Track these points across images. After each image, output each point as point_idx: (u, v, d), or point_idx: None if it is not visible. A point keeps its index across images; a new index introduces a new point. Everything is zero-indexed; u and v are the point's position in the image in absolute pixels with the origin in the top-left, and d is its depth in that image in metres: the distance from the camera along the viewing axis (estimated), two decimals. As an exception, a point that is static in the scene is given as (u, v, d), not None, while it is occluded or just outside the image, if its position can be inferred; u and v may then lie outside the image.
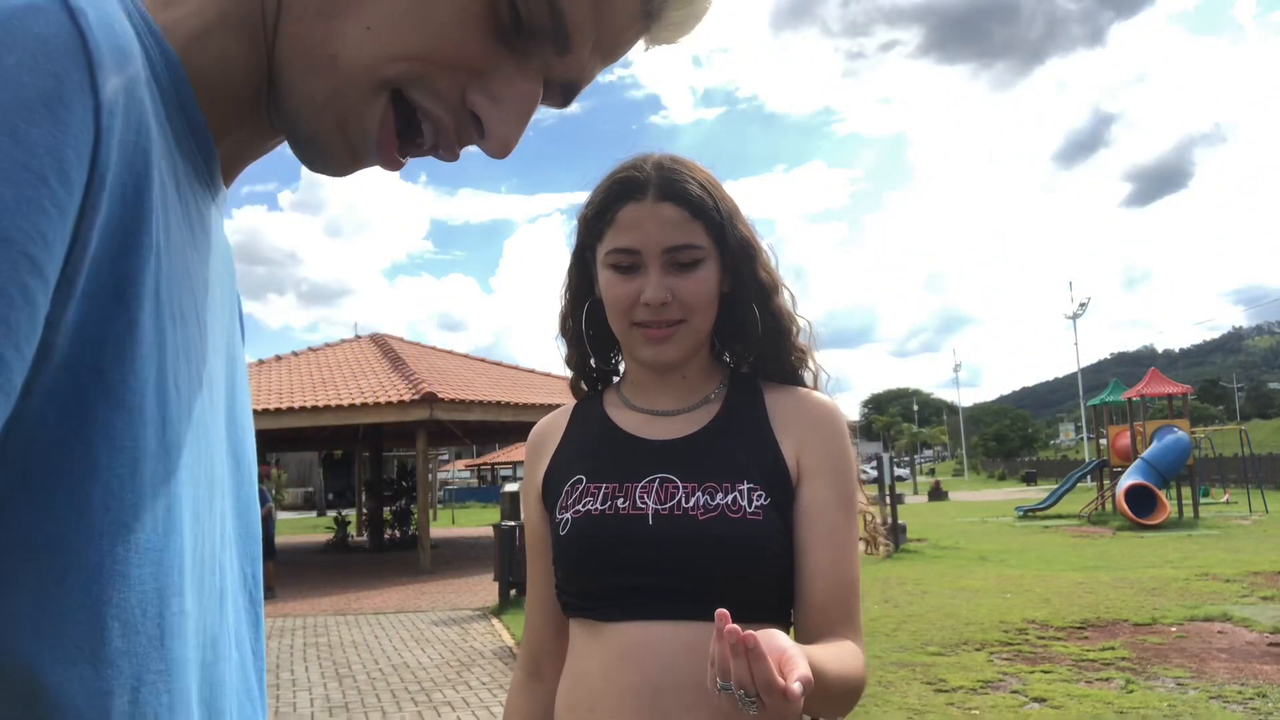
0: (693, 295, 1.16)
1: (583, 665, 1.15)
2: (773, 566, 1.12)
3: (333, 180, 0.54)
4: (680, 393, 1.24)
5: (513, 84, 0.49)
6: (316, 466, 46.45)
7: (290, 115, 0.48)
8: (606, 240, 1.18)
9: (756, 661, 0.78)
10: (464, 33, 0.46)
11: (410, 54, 0.46)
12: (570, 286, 1.31)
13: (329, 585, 12.91)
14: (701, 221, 1.16)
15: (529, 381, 17.82)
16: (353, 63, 0.45)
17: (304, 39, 0.46)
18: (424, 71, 0.47)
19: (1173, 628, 7.30)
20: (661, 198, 1.16)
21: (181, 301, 0.41)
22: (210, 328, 0.46)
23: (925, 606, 8.70)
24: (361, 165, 0.50)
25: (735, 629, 0.80)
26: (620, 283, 1.17)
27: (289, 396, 14.78)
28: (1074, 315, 52.76)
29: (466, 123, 0.49)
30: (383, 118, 0.47)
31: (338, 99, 0.46)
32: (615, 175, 1.20)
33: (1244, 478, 23.30)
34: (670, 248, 1.15)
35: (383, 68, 0.46)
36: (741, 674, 0.79)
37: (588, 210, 1.23)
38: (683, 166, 1.19)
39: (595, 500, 1.16)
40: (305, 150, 0.49)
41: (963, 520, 21.54)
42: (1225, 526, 16.53)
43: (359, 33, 0.45)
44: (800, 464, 1.17)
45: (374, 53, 0.45)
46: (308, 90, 0.46)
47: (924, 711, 5.18)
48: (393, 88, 0.47)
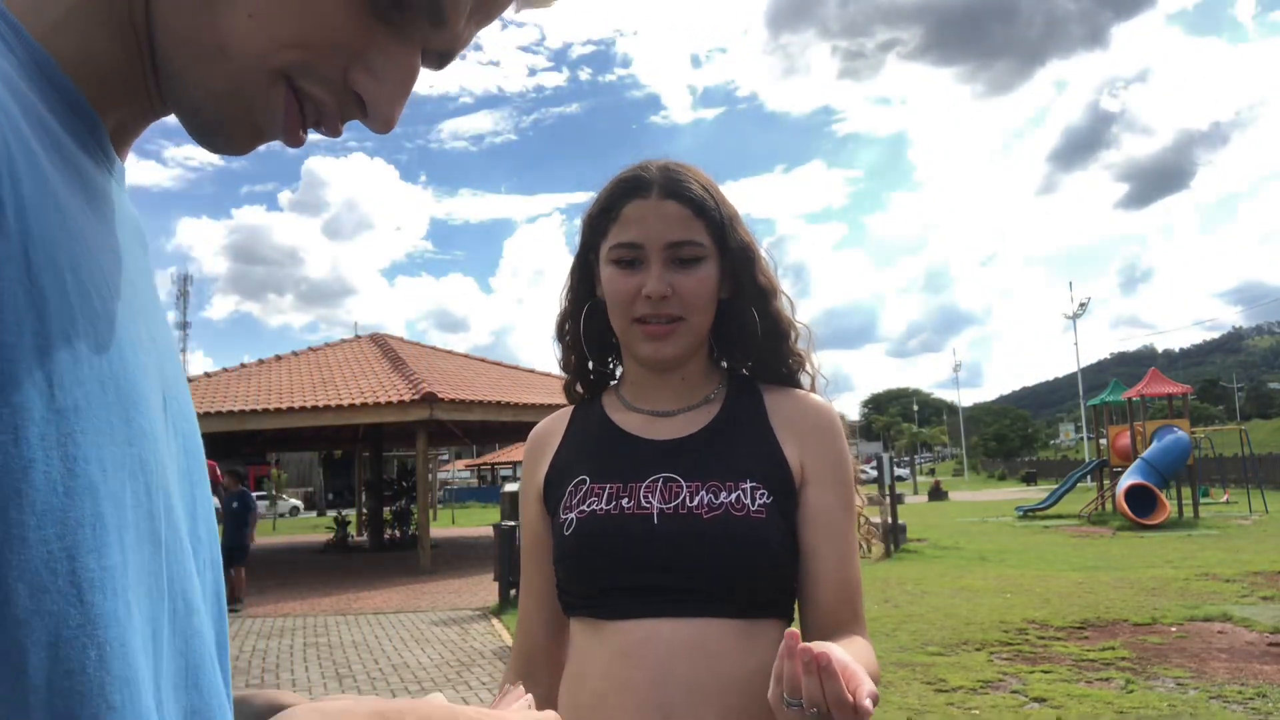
0: (692, 292, 1.18)
1: (585, 665, 1.15)
2: (776, 564, 1.14)
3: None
4: (680, 393, 1.26)
5: (393, 59, 0.50)
6: (316, 466, 46.50)
7: (191, 104, 0.49)
8: (610, 236, 1.21)
9: (829, 680, 0.80)
10: (345, 14, 0.47)
11: (295, 40, 0.47)
12: (571, 289, 1.32)
13: (329, 585, 12.91)
14: (703, 221, 1.19)
15: (529, 381, 17.83)
16: (242, 52, 0.47)
17: (184, 30, 0.47)
18: (309, 58, 0.48)
19: (1173, 628, 7.31)
20: (665, 195, 1.19)
21: (76, 265, 0.41)
22: (125, 291, 0.46)
23: (925, 606, 8.70)
24: (262, 143, 0.52)
25: (808, 647, 0.80)
26: (622, 277, 1.19)
27: (289, 396, 14.79)
28: (1074, 315, 52.79)
29: (349, 102, 0.51)
30: (286, 105, 0.49)
31: (239, 90, 0.48)
32: (620, 176, 1.24)
33: (1244, 478, 23.30)
34: (673, 243, 1.17)
35: (271, 57, 0.47)
36: (814, 691, 0.80)
37: (593, 208, 1.26)
38: (685, 169, 1.23)
39: (600, 500, 1.18)
40: (209, 136, 0.51)
41: (963, 520, 21.55)
42: (1225, 526, 16.53)
43: (242, 21, 0.46)
44: (803, 466, 1.19)
45: (262, 41, 0.47)
46: (202, 80, 0.48)
47: (924, 711, 5.18)
48: (285, 75, 0.48)
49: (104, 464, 0.41)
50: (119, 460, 0.42)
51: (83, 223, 0.44)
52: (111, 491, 0.41)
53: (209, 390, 15.57)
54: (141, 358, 0.46)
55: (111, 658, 0.39)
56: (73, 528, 0.38)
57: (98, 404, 0.41)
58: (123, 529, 0.41)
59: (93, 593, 0.39)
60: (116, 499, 0.41)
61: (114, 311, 0.44)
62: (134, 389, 0.44)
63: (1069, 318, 53.19)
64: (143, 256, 0.54)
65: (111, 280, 0.45)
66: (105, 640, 0.39)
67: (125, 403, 0.43)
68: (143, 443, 0.44)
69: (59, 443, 0.38)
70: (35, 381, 0.38)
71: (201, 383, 16.30)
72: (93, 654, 0.38)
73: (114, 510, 0.41)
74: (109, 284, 0.44)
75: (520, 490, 1.35)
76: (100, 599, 0.39)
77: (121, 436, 0.43)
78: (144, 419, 0.45)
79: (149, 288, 0.52)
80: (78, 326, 0.40)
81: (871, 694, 0.80)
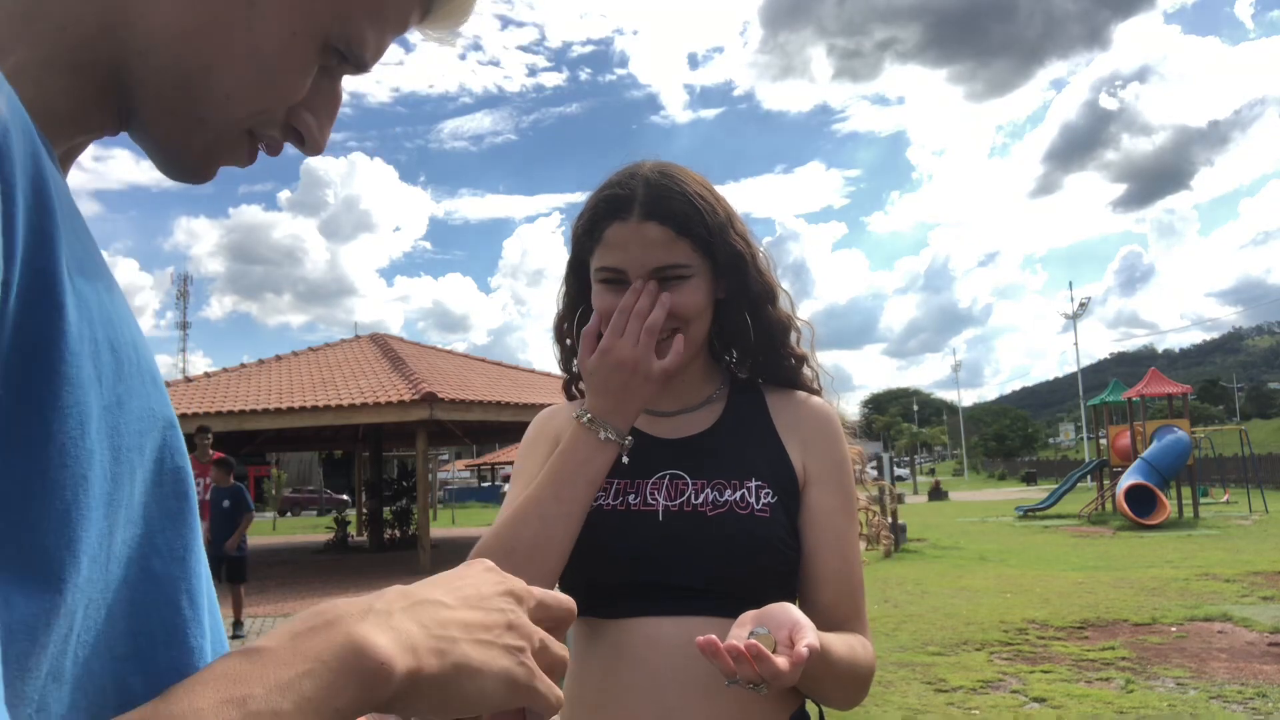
0: (683, 308, 1.17)
1: (585, 665, 1.15)
2: (779, 562, 1.14)
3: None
4: (681, 394, 1.26)
5: (324, 96, 0.60)
6: (316, 466, 46.49)
7: (168, 154, 0.58)
8: (596, 257, 1.20)
9: (762, 663, 0.90)
10: (302, 79, 0.57)
11: (263, 108, 0.57)
12: (567, 293, 1.32)
13: (329, 585, 12.91)
14: (688, 239, 1.17)
15: (529, 381, 17.83)
16: (221, 123, 0.56)
17: (167, 104, 0.55)
18: (268, 115, 0.58)
19: (1173, 628, 7.31)
20: (646, 217, 1.16)
21: (95, 269, 0.48)
22: (117, 293, 0.52)
23: (925, 606, 8.70)
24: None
25: (718, 647, 0.90)
26: (611, 297, 1.18)
27: (289, 396, 14.78)
28: (1074, 315, 52.80)
29: (289, 133, 0.60)
30: (247, 148, 0.60)
31: (214, 148, 0.58)
32: (603, 191, 1.21)
33: (1244, 478, 23.31)
34: (655, 268, 1.16)
35: (244, 122, 0.57)
36: (745, 672, 0.90)
37: (578, 225, 1.24)
38: (671, 180, 1.19)
39: (606, 495, 1.17)
40: (176, 172, 0.59)
41: (963, 520, 21.55)
42: (1225, 526, 16.54)
43: (221, 100, 0.55)
44: (805, 468, 1.20)
45: (238, 114, 0.56)
46: (184, 143, 0.57)
47: (924, 711, 5.18)
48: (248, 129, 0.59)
49: (144, 450, 0.49)
50: (148, 444, 0.49)
51: (84, 233, 0.50)
52: (145, 474, 0.49)
53: (209, 390, 15.57)
54: (145, 353, 0.52)
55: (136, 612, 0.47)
56: (115, 507, 0.45)
57: (137, 396, 0.48)
58: (147, 504, 0.49)
59: (118, 565, 0.46)
60: (144, 483, 0.49)
61: (124, 312, 0.50)
62: (154, 379, 0.51)
63: (1068, 318, 53.25)
64: (104, 265, 0.60)
65: (110, 281, 0.51)
66: (126, 601, 0.46)
67: (148, 390, 0.49)
68: (163, 426, 0.51)
69: (109, 435, 0.45)
70: (91, 380, 0.44)
71: (201, 383, 16.30)
72: (120, 609, 0.46)
73: (141, 492, 0.48)
74: (109, 286, 0.50)
75: (514, 476, 1.30)
76: (118, 568, 0.46)
77: (150, 425, 0.49)
78: (160, 405, 0.51)
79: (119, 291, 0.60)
80: (112, 328, 0.47)
81: (810, 645, 0.92)
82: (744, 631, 0.94)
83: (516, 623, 0.52)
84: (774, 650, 0.91)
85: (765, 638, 0.93)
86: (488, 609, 0.52)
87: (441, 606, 0.50)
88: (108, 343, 0.46)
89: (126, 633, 0.46)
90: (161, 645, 0.48)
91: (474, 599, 0.52)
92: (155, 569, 0.48)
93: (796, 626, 0.95)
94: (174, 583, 0.50)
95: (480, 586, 0.54)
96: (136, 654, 0.46)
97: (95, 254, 0.51)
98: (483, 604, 0.52)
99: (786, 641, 0.93)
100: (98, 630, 0.44)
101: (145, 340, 0.56)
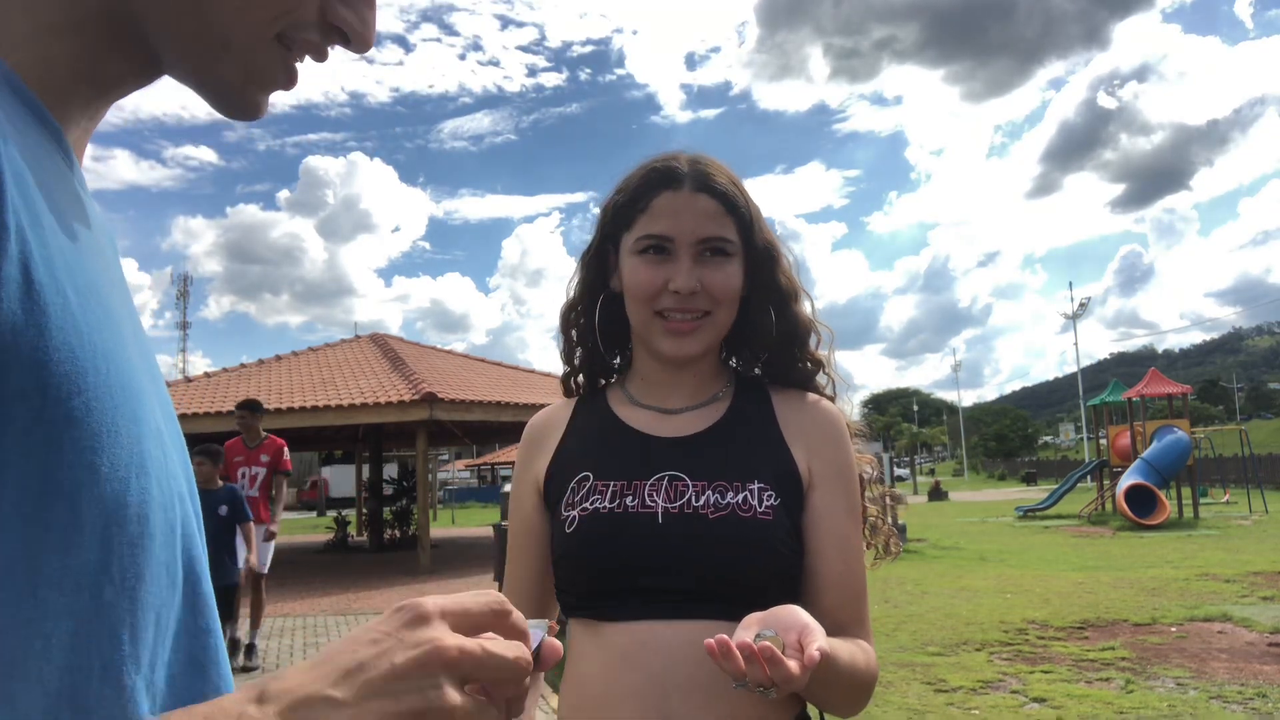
0: (720, 288, 1.17)
1: (584, 668, 1.14)
2: (782, 566, 1.13)
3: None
4: (690, 390, 1.24)
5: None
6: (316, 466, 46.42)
7: (209, 90, 0.55)
8: (637, 227, 1.19)
9: (774, 666, 0.88)
10: None
11: (280, 11, 0.53)
12: (583, 280, 1.30)
13: (329, 585, 12.90)
14: (733, 218, 1.18)
15: (529, 381, 17.81)
16: (246, 38, 0.53)
17: (186, 34, 0.52)
18: (295, 17, 0.54)
19: (1173, 628, 7.30)
20: (698, 189, 1.17)
21: (74, 273, 0.46)
22: (114, 294, 0.51)
23: (925, 606, 8.69)
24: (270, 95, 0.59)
25: (730, 648, 0.88)
26: (647, 268, 1.17)
27: (289, 396, 14.77)
28: (1074, 315, 52.74)
29: (330, 33, 0.56)
30: (285, 62, 0.56)
31: (250, 69, 0.54)
32: (651, 165, 1.21)
33: (1244, 478, 23.29)
34: (705, 238, 1.16)
35: (267, 30, 0.53)
36: (756, 674, 0.88)
37: (619, 196, 1.23)
38: (715, 164, 1.21)
39: (604, 498, 1.16)
40: (224, 107, 0.56)
41: (963, 520, 21.53)
42: (1225, 526, 16.52)
43: (231, 15, 0.52)
44: (811, 470, 1.18)
45: (256, 24, 0.52)
46: (218, 74, 0.54)
47: (924, 711, 5.17)
48: (278, 37, 0.55)
49: (158, 439, 0.49)
50: (159, 435, 0.50)
51: (75, 217, 0.49)
52: (152, 467, 0.48)
53: (209, 390, 15.55)
54: (136, 360, 0.50)
55: (149, 581, 0.48)
56: (144, 486, 0.47)
57: (107, 408, 0.45)
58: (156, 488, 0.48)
59: (150, 540, 0.48)
60: (155, 470, 0.49)
61: (115, 317, 0.49)
62: (138, 391, 0.49)
63: (1068, 318, 53.16)
64: (115, 258, 0.58)
65: (102, 283, 0.49)
66: (147, 576, 0.48)
67: (132, 404, 0.48)
68: (148, 440, 0.49)
69: (132, 420, 0.46)
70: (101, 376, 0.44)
71: (201, 383, 16.28)
72: (141, 583, 0.48)
73: (155, 478, 0.49)
74: (100, 288, 0.48)
75: (514, 479, 1.31)
76: (150, 543, 0.48)
77: (127, 436, 0.47)
78: (147, 417, 0.49)
79: (125, 287, 0.57)
80: (86, 337, 0.45)
81: (821, 649, 0.89)
82: (750, 634, 0.92)
83: (438, 706, 0.42)
84: (782, 653, 0.89)
85: (773, 640, 0.90)
86: (399, 695, 0.42)
87: (331, 708, 0.41)
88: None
89: (64, 667, 0.42)
90: (96, 679, 0.43)
91: (379, 683, 0.42)
92: (106, 597, 0.44)
93: (805, 629, 0.93)
94: (118, 614, 0.45)
95: (393, 656, 0.43)
96: (70, 690, 0.42)
97: (92, 251, 0.50)
98: (390, 690, 0.42)
99: (795, 644, 0.91)
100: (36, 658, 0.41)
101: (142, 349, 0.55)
